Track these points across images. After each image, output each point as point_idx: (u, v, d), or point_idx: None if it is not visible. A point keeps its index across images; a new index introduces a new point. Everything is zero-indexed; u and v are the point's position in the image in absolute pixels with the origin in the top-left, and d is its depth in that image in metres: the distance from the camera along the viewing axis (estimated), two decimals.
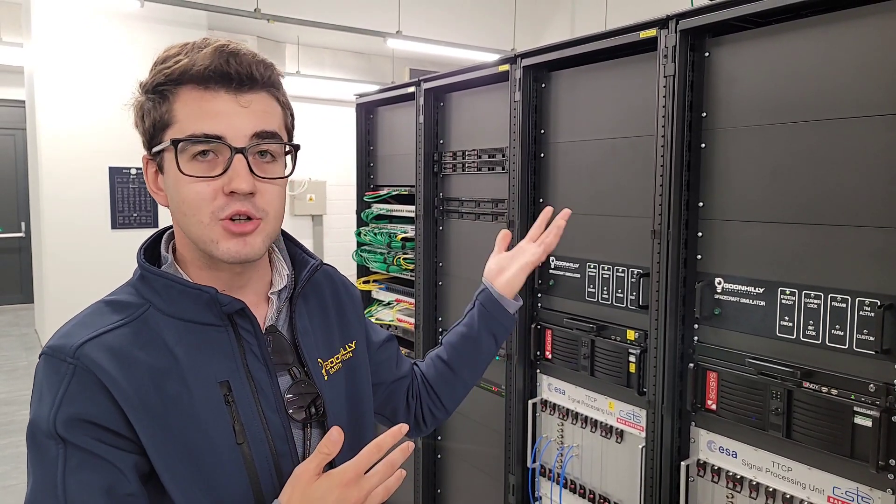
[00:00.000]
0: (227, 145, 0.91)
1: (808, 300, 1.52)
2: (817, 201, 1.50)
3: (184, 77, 0.91)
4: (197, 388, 0.91)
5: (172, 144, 0.91)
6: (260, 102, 0.94)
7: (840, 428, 1.45)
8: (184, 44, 0.94)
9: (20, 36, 7.24)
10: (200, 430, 0.90)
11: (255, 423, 0.95)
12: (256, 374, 0.97)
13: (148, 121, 0.94)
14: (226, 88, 0.92)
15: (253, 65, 0.93)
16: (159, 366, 0.90)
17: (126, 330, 0.91)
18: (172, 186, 0.94)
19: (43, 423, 0.85)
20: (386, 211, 3.12)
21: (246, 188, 0.91)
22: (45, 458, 0.84)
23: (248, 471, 0.93)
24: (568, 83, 2.16)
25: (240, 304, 0.96)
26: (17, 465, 4.10)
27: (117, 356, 0.88)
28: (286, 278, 1.08)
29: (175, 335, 0.93)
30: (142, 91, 0.95)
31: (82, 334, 0.89)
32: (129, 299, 0.95)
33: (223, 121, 0.91)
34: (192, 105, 0.91)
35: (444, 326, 2.78)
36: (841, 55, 1.45)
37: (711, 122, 1.71)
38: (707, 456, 1.77)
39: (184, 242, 0.98)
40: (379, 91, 3.13)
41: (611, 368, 2.00)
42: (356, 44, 8.17)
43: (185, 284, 0.95)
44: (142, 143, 0.98)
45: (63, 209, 6.33)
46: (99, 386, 0.85)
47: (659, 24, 1.76)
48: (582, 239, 2.11)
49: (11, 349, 6.90)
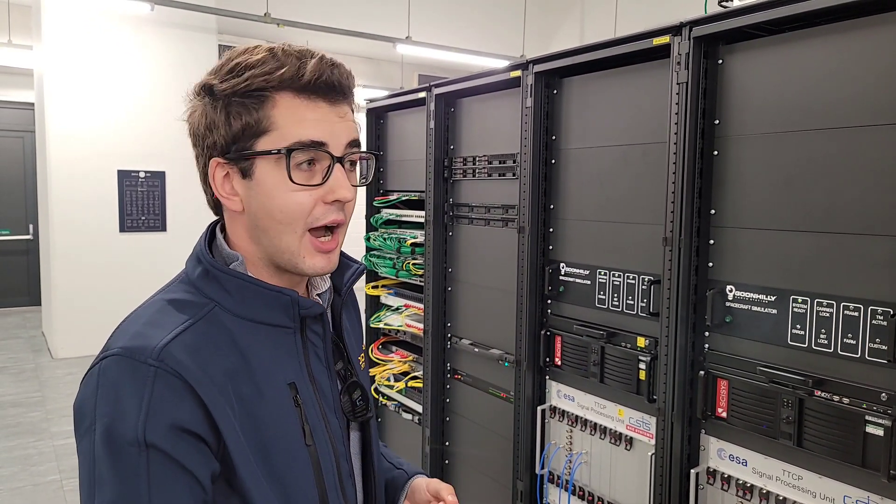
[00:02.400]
0: (328, 154, 0.92)
1: (821, 308, 1.52)
2: (830, 209, 1.50)
3: (284, 84, 0.91)
4: (268, 388, 0.92)
5: (285, 152, 0.90)
6: (349, 113, 0.97)
7: (852, 437, 1.44)
8: (269, 48, 0.93)
9: (30, 39, 7.30)
10: (272, 431, 0.91)
11: (320, 424, 0.97)
12: (318, 376, 0.99)
13: (237, 124, 0.92)
14: (325, 99, 0.93)
15: (350, 77, 0.96)
16: (232, 367, 0.89)
17: (197, 329, 0.89)
18: (267, 194, 0.92)
19: (128, 430, 0.80)
20: (395, 216, 3.13)
21: (350, 196, 0.94)
22: (127, 467, 0.81)
23: (315, 471, 0.94)
24: (579, 89, 2.16)
25: (321, 309, 0.99)
26: (24, 466, 4.11)
27: (197, 356, 0.86)
28: (328, 280, 1.09)
29: (244, 335, 0.92)
30: (223, 93, 0.92)
31: (160, 335, 0.86)
32: (191, 298, 0.93)
33: (326, 129, 0.92)
34: (296, 113, 0.91)
35: (452, 332, 2.78)
36: (855, 64, 1.45)
37: (724, 129, 1.71)
38: (717, 464, 1.76)
39: (250, 246, 0.97)
40: (389, 96, 3.14)
41: (621, 375, 2.00)
42: (365, 49, 8.20)
43: (262, 286, 0.95)
44: (206, 145, 0.95)
45: (71, 212, 6.36)
46: (187, 389, 0.83)
47: (672, 31, 1.76)
48: (592, 245, 2.11)
49: (19, 351, 6.92)
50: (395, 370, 3.16)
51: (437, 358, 2.82)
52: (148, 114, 6.55)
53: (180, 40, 6.71)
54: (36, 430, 4.65)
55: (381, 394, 3.27)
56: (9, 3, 7.42)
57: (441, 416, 2.85)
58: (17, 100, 8.61)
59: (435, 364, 2.82)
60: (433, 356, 2.82)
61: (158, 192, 6.76)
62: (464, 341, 2.70)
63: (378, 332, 3.31)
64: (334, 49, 0.98)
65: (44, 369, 6.21)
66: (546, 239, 2.28)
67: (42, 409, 5.09)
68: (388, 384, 3.17)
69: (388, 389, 3.20)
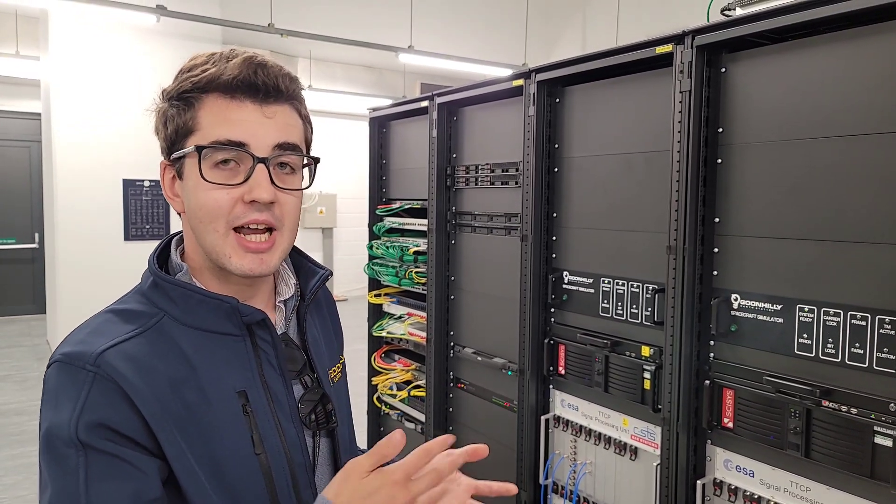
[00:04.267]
0: (249, 154, 0.91)
1: (827, 318, 1.50)
2: (835, 218, 1.49)
3: (210, 85, 0.92)
4: (215, 397, 0.91)
5: (196, 150, 0.91)
6: (283, 115, 0.95)
7: (859, 448, 1.43)
8: (210, 53, 0.95)
9: (37, 50, 7.35)
10: (219, 440, 0.90)
11: (272, 432, 0.95)
12: (272, 384, 0.97)
13: (171, 127, 0.95)
14: (252, 99, 0.93)
15: (279, 77, 0.94)
16: (177, 375, 0.89)
17: (143, 339, 0.90)
18: (191, 193, 0.94)
19: (63, 431, 0.82)
20: (398, 224, 3.13)
21: (267, 197, 0.92)
22: (65, 467, 0.82)
23: (266, 480, 0.93)
24: (582, 98, 2.15)
25: (261, 315, 0.96)
26: (28, 475, 4.10)
27: (137, 365, 0.86)
28: (292, 287, 1.08)
29: (191, 345, 0.92)
30: (165, 98, 0.96)
31: (100, 342, 0.87)
32: (141, 308, 0.94)
33: (247, 130, 0.92)
34: (218, 113, 0.92)
35: (455, 340, 2.77)
36: (857, 72, 1.44)
37: (728, 137, 1.70)
38: (724, 475, 1.74)
39: (195, 250, 0.98)
40: (392, 105, 3.14)
41: (625, 385, 1.99)
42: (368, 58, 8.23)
43: (204, 294, 0.94)
44: (160, 149, 0.99)
45: (77, 220, 6.37)
46: (121, 394, 0.84)
47: (675, 40, 1.76)
48: (596, 254, 2.10)
49: (23, 359, 6.93)
50: (397, 379, 3.15)
51: (440, 367, 2.81)
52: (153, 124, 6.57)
53: (186, 51, 6.65)
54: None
55: (384, 402, 3.25)
56: (16, 15, 7.47)
57: (444, 426, 2.83)
58: (24, 110, 8.67)
59: (438, 373, 2.81)
60: (436, 365, 2.80)
61: (162, 200, 6.77)
62: (467, 350, 2.69)
63: (381, 340, 3.30)
64: (337, 58, 0.97)
65: None
66: (549, 247, 2.27)
67: None
68: (391, 393, 3.16)
69: (390, 398, 3.19)
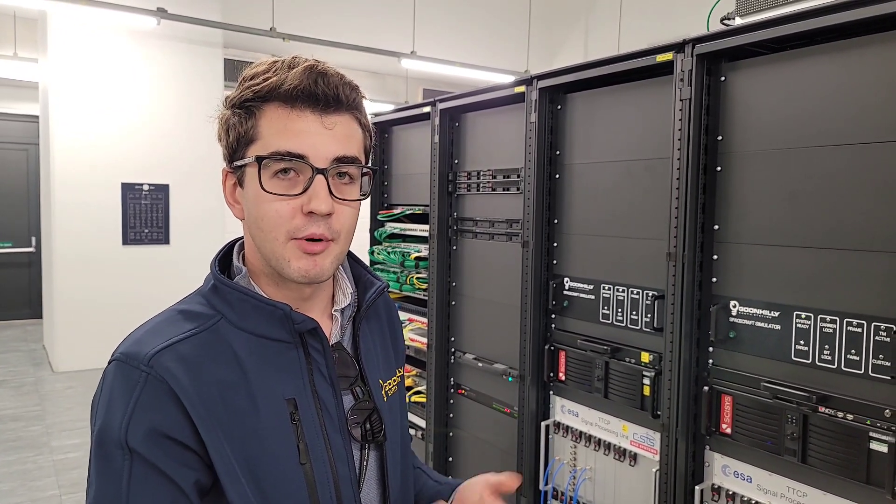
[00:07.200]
0: (309, 165, 0.91)
1: (824, 325, 1.52)
2: (833, 226, 1.50)
3: (271, 95, 0.92)
4: (264, 403, 0.91)
5: (256, 161, 0.91)
6: (343, 125, 0.95)
7: (856, 453, 1.44)
8: (273, 61, 0.94)
9: (36, 52, 7.35)
10: (264, 447, 0.90)
11: (319, 443, 0.94)
12: (322, 394, 0.97)
13: (232, 135, 0.95)
14: (312, 108, 0.92)
15: (340, 86, 0.93)
16: (228, 379, 0.90)
17: (198, 340, 0.91)
18: (251, 202, 0.94)
19: (113, 432, 0.84)
20: (399, 230, 3.14)
21: (325, 209, 0.91)
22: (111, 468, 0.84)
23: (310, 491, 0.92)
24: (584, 105, 2.18)
25: (313, 324, 0.96)
26: (24, 481, 4.08)
27: (189, 366, 0.88)
28: (350, 297, 1.07)
29: (246, 349, 0.93)
30: (227, 105, 0.96)
31: (156, 342, 0.88)
32: (201, 309, 0.95)
33: (307, 140, 0.91)
34: (278, 123, 0.92)
35: (456, 346, 2.78)
36: (857, 81, 1.46)
37: (727, 145, 1.72)
38: (722, 480, 1.76)
39: (255, 256, 0.98)
40: (394, 111, 3.16)
41: (625, 391, 2.00)
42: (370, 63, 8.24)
43: (258, 299, 0.95)
44: (223, 156, 0.99)
45: (75, 224, 6.36)
46: (171, 396, 0.85)
47: (675, 49, 1.78)
48: (597, 260, 2.12)
49: (19, 365, 6.89)
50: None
51: (441, 372, 2.82)
52: (152, 127, 6.58)
53: (186, 54, 6.75)
54: (35, 445, 4.62)
55: None
56: (15, 17, 7.48)
57: (444, 431, 2.84)
58: (22, 112, 8.65)
59: (438, 378, 2.82)
60: (437, 370, 2.81)
61: (162, 205, 6.77)
62: (467, 356, 2.70)
63: None
64: (340, 63, 0.97)
65: (44, 383, 6.19)
66: (550, 253, 2.29)
67: (42, 424, 5.07)
68: None
69: None
